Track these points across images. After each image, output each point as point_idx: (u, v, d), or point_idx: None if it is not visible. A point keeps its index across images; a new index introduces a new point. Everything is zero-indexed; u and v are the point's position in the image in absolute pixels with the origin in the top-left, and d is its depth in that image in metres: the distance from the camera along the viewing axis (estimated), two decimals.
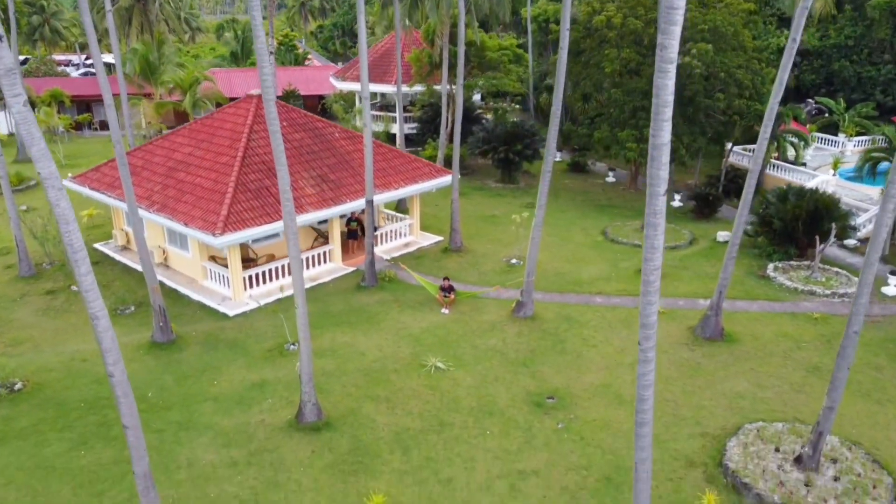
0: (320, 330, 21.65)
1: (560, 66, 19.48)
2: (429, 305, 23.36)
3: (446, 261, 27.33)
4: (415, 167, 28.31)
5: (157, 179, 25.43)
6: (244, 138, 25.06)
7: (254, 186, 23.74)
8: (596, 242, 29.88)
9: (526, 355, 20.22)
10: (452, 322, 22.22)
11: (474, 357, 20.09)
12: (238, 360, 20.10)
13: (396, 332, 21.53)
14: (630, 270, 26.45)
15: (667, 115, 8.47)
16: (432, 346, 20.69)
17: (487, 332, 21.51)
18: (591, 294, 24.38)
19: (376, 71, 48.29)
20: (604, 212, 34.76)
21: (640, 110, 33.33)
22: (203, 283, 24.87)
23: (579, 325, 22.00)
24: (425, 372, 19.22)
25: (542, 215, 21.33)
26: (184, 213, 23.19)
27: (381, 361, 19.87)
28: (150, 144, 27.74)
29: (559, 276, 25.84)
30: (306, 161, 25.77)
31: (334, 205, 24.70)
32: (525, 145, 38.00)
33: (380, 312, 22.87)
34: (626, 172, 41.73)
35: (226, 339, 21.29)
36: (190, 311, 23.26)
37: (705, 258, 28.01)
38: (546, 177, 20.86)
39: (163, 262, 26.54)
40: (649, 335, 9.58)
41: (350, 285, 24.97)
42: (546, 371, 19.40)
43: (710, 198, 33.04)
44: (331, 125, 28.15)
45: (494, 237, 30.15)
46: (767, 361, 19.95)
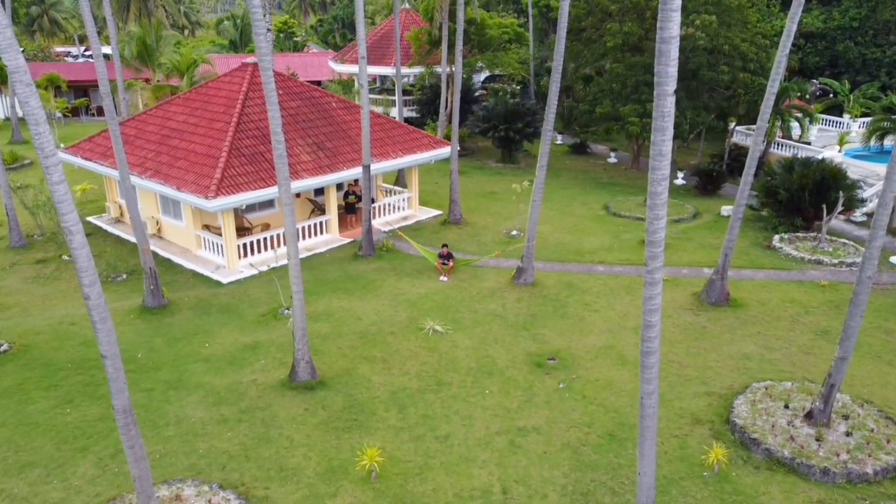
0: (315, 296, 21.14)
1: (561, 18, 18.93)
2: (427, 273, 22.83)
3: (445, 233, 26.80)
4: (413, 138, 27.78)
5: (151, 147, 24.91)
6: (239, 104, 24.53)
7: (248, 152, 23.22)
8: (598, 216, 29.34)
9: (526, 319, 19.69)
10: (451, 289, 21.69)
11: (473, 321, 19.56)
12: (231, 324, 19.58)
13: (394, 298, 21.00)
14: (633, 241, 25.91)
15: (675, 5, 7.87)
16: (430, 310, 20.16)
17: (487, 298, 20.98)
18: (592, 263, 23.84)
19: (375, 53, 47.74)
20: (605, 189, 34.22)
21: (643, 85, 32.76)
22: (197, 253, 24.35)
23: (581, 292, 21.47)
24: (423, 335, 18.70)
25: (542, 176, 20.80)
26: (177, 178, 22.68)
27: (377, 325, 19.34)
28: (143, 114, 27.23)
29: (560, 247, 25.30)
30: (302, 129, 25.24)
31: (330, 172, 24.17)
32: (526, 124, 37.46)
33: (377, 280, 22.34)
34: (627, 154, 41.18)
35: (219, 305, 20.77)
36: (183, 279, 22.75)
37: (709, 230, 27.47)
38: (546, 136, 20.30)
39: (156, 233, 26.03)
40: (656, 254, 8.95)
41: (347, 255, 24.45)
42: (547, 334, 18.87)
43: (714, 174, 32.48)
44: (328, 95, 27.63)
45: (494, 211, 29.62)
46: (775, 325, 19.41)
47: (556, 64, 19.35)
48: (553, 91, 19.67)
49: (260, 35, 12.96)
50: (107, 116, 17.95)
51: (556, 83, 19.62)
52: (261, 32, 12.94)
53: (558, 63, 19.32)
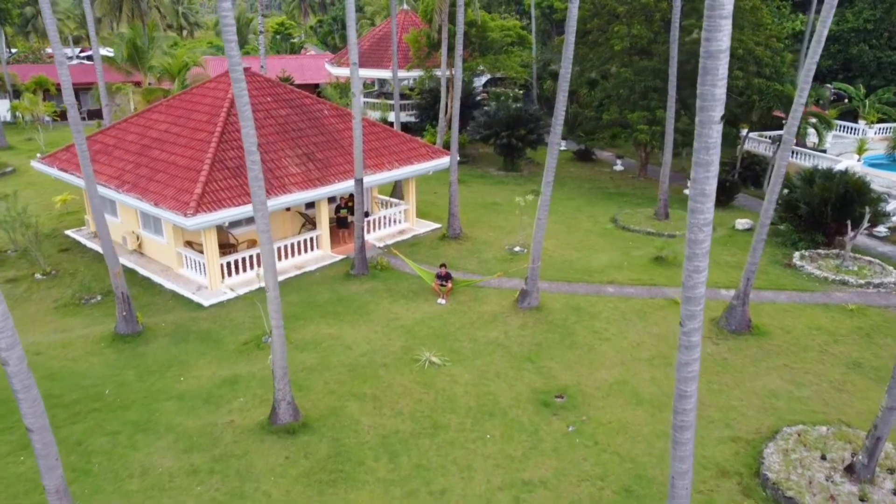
0: (303, 321, 19.57)
1: (569, 21, 17.34)
2: (423, 295, 21.25)
3: (444, 248, 25.21)
4: (410, 147, 26.20)
5: (130, 158, 23.35)
6: (224, 113, 22.96)
7: (233, 164, 21.64)
8: (605, 230, 27.74)
9: (531, 349, 18.10)
10: (449, 313, 20.11)
11: (473, 351, 17.98)
12: (209, 354, 18.00)
13: (387, 324, 19.42)
14: (643, 259, 24.31)
15: None
16: (427, 338, 18.59)
17: (488, 324, 19.40)
18: (601, 283, 22.24)
19: (373, 56, 46.25)
20: (612, 199, 32.61)
21: (652, 91, 31.19)
22: (179, 272, 22.77)
23: (590, 317, 19.88)
24: (418, 367, 17.11)
25: (549, 193, 19.21)
26: (155, 192, 21.11)
27: (368, 355, 17.76)
28: (124, 122, 25.66)
29: (567, 265, 23.71)
30: (291, 138, 23.67)
31: (321, 185, 22.60)
32: (529, 130, 35.87)
33: (369, 302, 20.76)
34: (634, 162, 39.58)
35: (198, 331, 19.19)
36: (161, 301, 21.16)
37: (724, 247, 25.85)
38: (553, 150, 18.73)
39: (137, 248, 24.46)
40: (694, 313, 7.40)
41: (338, 274, 22.86)
42: (554, 367, 17.27)
43: (727, 184, 30.86)
44: (320, 101, 26.06)
45: (496, 224, 28.03)
46: (802, 357, 17.81)
47: (564, 71, 17.78)
48: (560, 100, 18.09)
49: (230, 42, 11.38)
50: (72, 129, 16.37)
51: (563, 91, 18.04)
52: (231, 39, 11.36)
53: (566, 70, 17.75)
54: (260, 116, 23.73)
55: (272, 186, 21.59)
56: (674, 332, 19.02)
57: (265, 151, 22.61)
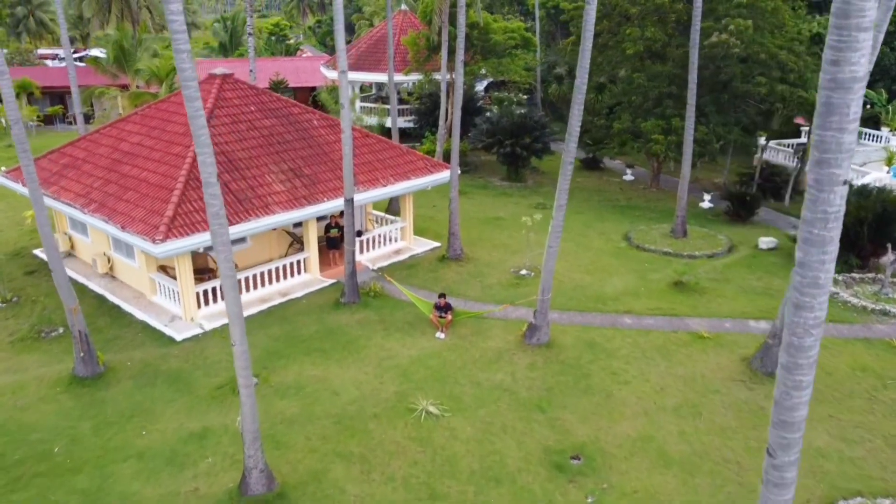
0: (285, 360, 17.51)
1: (587, 24, 15.27)
2: (420, 327, 19.17)
3: (443, 271, 23.14)
4: (407, 161, 24.12)
5: (99, 174, 21.28)
6: None
7: None
8: (618, 249, 25.64)
9: (541, 395, 16.02)
10: (449, 350, 18.04)
11: (476, 398, 15.90)
12: (178, 401, 15.93)
13: (379, 363, 17.35)
14: (662, 283, 22.23)
15: None
16: (423, 381, 16.52)
17: (492, 364, 17.32)
18: (617, 313, 20.17)
19: (370, 59, 44.21)
20: (624, 213, 30.52)
21: (667, 97, 29.12)
22: (152, 299, 20.71)
23: (606, 355, 17.80)
24: (414, 419, 15.04)
25: (561, 219, 17.16)
26: (123, 213, 19.05)
27: (358, 403, 15.69)
28: (96, 133, 23.61)
29: (578, 291, 21.61)
30: (276, 152, 21.59)
31: (308, 204, 20.52)
32: (534, 138, 33.80)
33: (361, 337, 18.68)
34: (645, 171, 37.50)
35: (167, 372, 17.12)
36: (130, 334, 19.08)
37: (748, 269, 23.76)
38: (567, 170, 16.70)
39: (108, 272, 22.40)
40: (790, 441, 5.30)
41: (327, 302, 20.78)
42: (568, 418, 15.19)
43: (748, 198, 28.78)
44: (309, 111, 23.97)
45: (500, 242, 25.96)
46: (848, 405, 15.73)
47: (580, 81, 15.70)
48: (575, 114, 16.05)
49: (182, 53, 9.32)
50: (17, 148, 14.27)
51: (578, 104, 15.98)
52: (183, 49, 9.30)
53: (582, 81, 15.67)
54: (242, 128, 21.68)
55: (253, 207, 19.53)
56: (701, 374, 16.95)
57: (246, 167, 20.55)
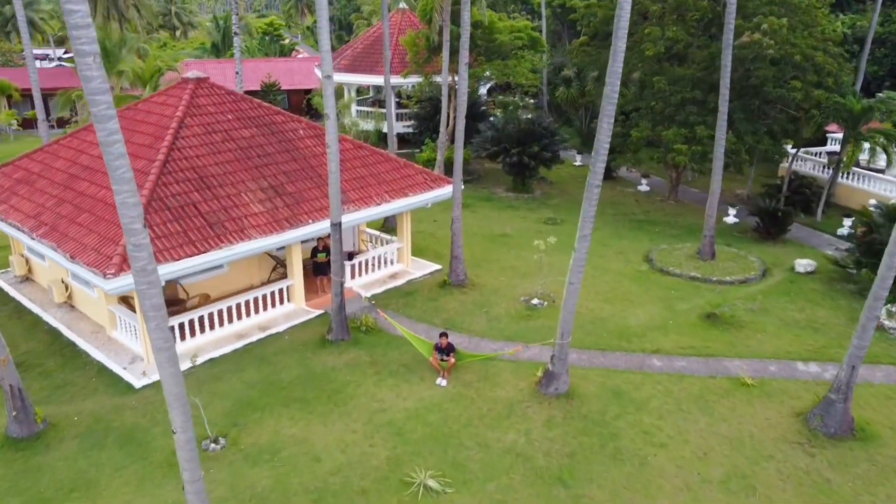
0: (260, 413, 14.95)
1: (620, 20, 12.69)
2: (419, 371, 16.61)
3: (445, 300, 20.56)
4: (404, 175, 21.55)
5: (54, 191, 18.75)
6: (170, 136, 18.36)
7: (176, 203, 17.02)
8: (639, 273, 23.05)
9: (562, 462, 13.45)
10: (452, 401, 15.46)
11: (484, 466, 13.32)
12: (129, 468, 13.36)
13: (370, 419, 14.77)
14: (692, 315, 19.66)
15: None
16: (421, 443, 13.95)
17: (503, 420, 14.74)
18: (644, 353, 17.59)
19: (367, 61, 41.72)
20: (642, 229, 27.95)
21: (690, 103, 26.55)
22: (111, 335, 18.17)
23: (635, 407, 15.22)
24: (409, 496, 12.47)
25: (584, 251, 14.60)
26: (74, 239, 16.49)
27: (343, 473, 13.11)
28: (55, 144, 21.07)
29: (598, 325, 19.04)
30: (255, 167, 19.03)
31: (290, 227, 17.94)
32: (543, 146, 31.21)
33: (349, 384, 16.11)
34: (661, 180, 34.94)
35: (120, 429, 14.55)
36: (83, 379, 16.52)
37: (788, 297, 21.17)
38: (593, 195, 14.11)
39: (66, 301, 19.87)
40: None
41: (312, 338, 18.21)
42: (596, 495, 12.62)
43: (778, 214, 26.19)
44: (294, 119, 21.41)
45: (507, 264, 23.38)
46: None
47: (611, 90, 13.08)
48: (604, 129, 13.45)
49: (86, 56, 6.80)
50: None
51: (608, 118, 13.37)
52: (86, 51, 6.78)
53: (613, 91, 13.04)
54: (216, 139, 19.12)
55: (226, 231, 16.97)
56: (749, 433, 14.37)
57: (220, 185, 17.99)
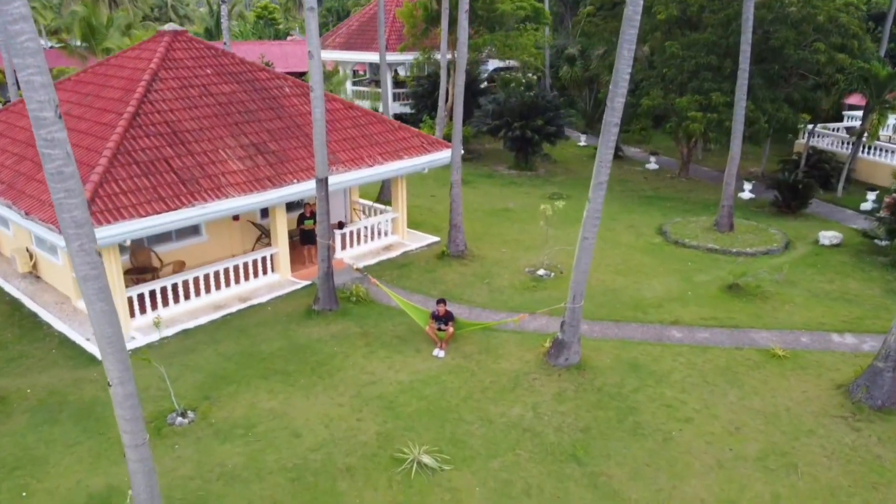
0: (236, 387, 13.34)
1: None
2: (414, 342, 15.01)
3: (443, 271, 18.95)
4: (399, 138, 19.95)
5: (15, 150, 17.15)
6: (141, 88, 16.76)
7: (145, 157, 15.41)
8: (653, 245, 21.45)
9: (575, 438, 11.83)
10: (451, 373, 13.84)
11: (487, 442, 11.71)
12: (82, 445, 11.75)
13: (358, 392, 13.16)
14: (712, 287, 18.06)
15: None
16: (416, 418, 12.34)
17: (508, 393, 13.12)
18: (663, 324, 15.98)
19: (363, 38, 40.17)
20: (653, 205, 26.34)
21: (705, 69, 24.94)
22: (77, 305, 16.57)
23: (655, 380, 13.61)
24: (401, 474, 10.85)
25: (600, 201, 13.07)
26: (32, 196, 14.89)
27: (325, 449, 11.50)
28: (20, 103, 19.47)
29: (611, 296, 17.44)
30: (235, 123, 17.43)
31: (273, 186, 16.33)
32: (546, 120, 29.59)
33: (336, 355, 14.49)
34: (670, 160, 33.34)
35: (76, 403, 12.94)
36: (41, 351, 14.90)
37: (815, 269, 19.58)
38: (611, 134, 12.46)
39: (31, 271, 18.27)
40: None
41: (297, 309, 16.60)
42: (615, 473, 11.00)
43: (800, 186, 24.58)
44: (279, 77, 19.83)
45: (510, 237, 21.78)
46: None
47: (622, 67, 11.44)
48: (615, 104, 11.80)
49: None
50: None
51: (621, 89, 11.73)
52: None
53: (625, 67, 11.42)
54: (193, 94, 17.53)
55: (201, 189, 15.35)
56: (786, 407, 12.76)
57: (195, 140, 16.39)
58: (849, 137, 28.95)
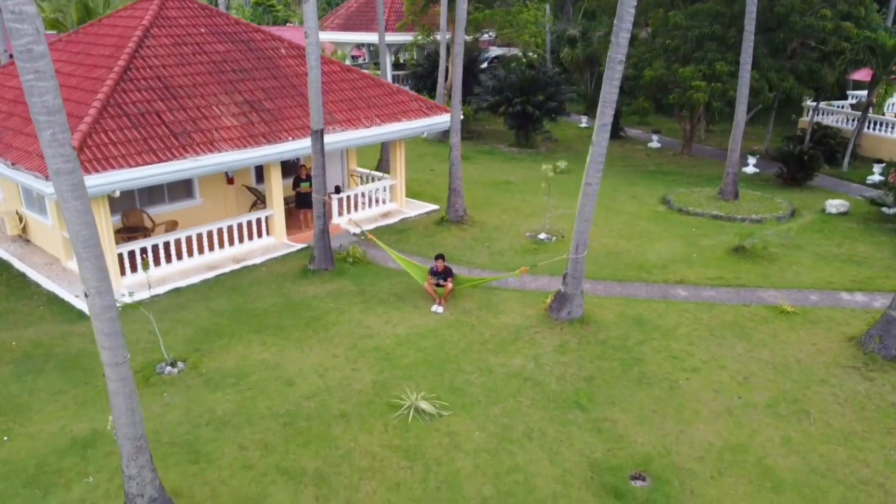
0: (226, 340, 12.92)
1: None
2: (412, 300, 14.59)
3: (442, 235, 18.55)
4: (398, 101, 19.53)
5: (3, 108, 16.72)
6: (132, 43, 16.35)
7: (136, 110, 14.99)
8: (656, 213, 21.04)
9: (579, 386, 11.42)
10: (450, 327, 13.43)
11: (487, 391, 11.30)
12: (68, 394, 11.34)
13: (354, 345, 12.74)
14: (718, 250, 17.64)
15: None
16: (413, 368, 11.93)
17: (509, 345, 12.71)
18: (667, 283, 15.56)
19: (362, 18, 39.85)
20: (656, 178, 25.91)
21: (709, 39, 24.51)
22: (66, 265, 16.15)
23: (661, 334, 13.20)
24: (398, 419, 10.44)
25: (604, 144, 12.54)
26: (19, 148, 14.48)
27: (319, 397, 11.08)
28: (10, 65, 19.05)
29: (614, 258, 17.03)
30: (230, 81, 17.02)
31: (267, 143, 15.93)
32: (548, 96, 29.16)
33: (331, 311, 14.08)
34: (672, 140, 32.89)
35: (63, 354, 12.54)
36: (28, 308, 14.50)
37: (822, 234, 19.17)
38: (615, 72, 11.95)
39: (20, 233, 17.87)
40: None
41: (292, 270, 16.18)
42: (620, 418, 10.59)
43: (805, 157, 24.14)
44: (275, 37, 19.44)
45: (511, 206, 21.36)
46: None
47: (619, 40, 10.99)
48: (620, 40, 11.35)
49: None
50: None
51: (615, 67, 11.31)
52: None
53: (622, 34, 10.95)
54: (187, 51, 17.12)
55: (193, 143, 14.94)
56: (796, 358, 12.34)
57: (188, 96, 15.97)
58: (853, 114, 28.50)
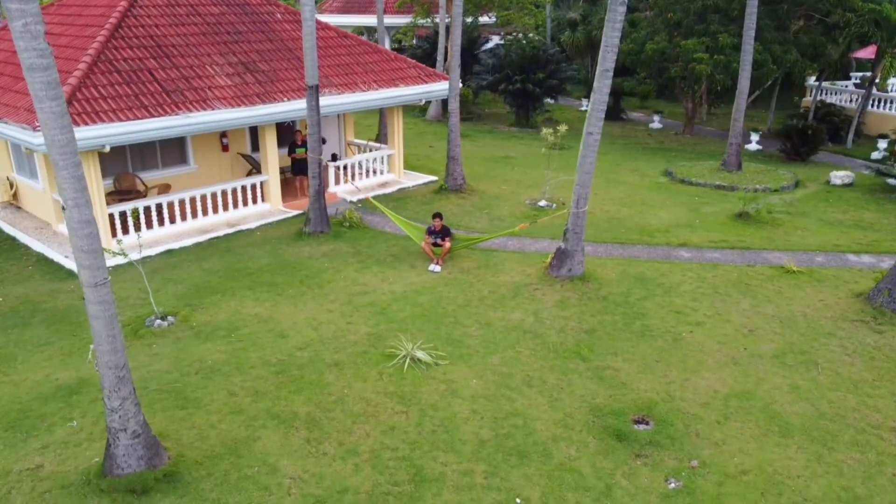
0: (218, 296, 12.61)
1: None
2: (409, 260, 14.28)
3: (441, 203, 18.19)
4: (395, 67, 19.20)
5: None
6: (124, 2, 16.03)
7: (127, 66, 14.67)
8: (659, 184, 20.72)
9: (580, 338, 11.10)
10: (447, 284, 13.12)
11: (486, 342, 10.98)
12: (54, 345, 11.03)
13: (349, 300, 12.43)
14: (721, 216, 17.32)
15: None
16: (410, 321, 11.61)
17: (508, 301, 12.40)
18: (670, 246, 15.24)
19: (361, 1, 39.44)
20: (657, 154, 25.58)
21: (712, 11, 24.18)
22: (57, 229, 15.83)
23: (664, 291, 12.88)
24: (393, 368, 10.12)
25: (606, 90, 12.27)
26: (7, 104, 14.17)
27: (313, 348, 10.77)
28: (3, 29, 18.74)
29: (616, 223, 16.71)
30: (224, 42, 16.69)
31: (261, 103, 15.60)
32: (548, 73, 28.82)
33: (326, 269, 13.77)
34: (673, 122, 32.54)
35: (50, 309, 12.23)
36: (16, 268, 14.20)
37: (826, 203, 18.86)
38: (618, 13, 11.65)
39: (11, 199, 17.57)
40: None
41: (287, 233, 15.86)
42: (622, 367, 10.28)
43: (809, 132, 23.80)
44: (270, 3, 19.08)
45: (511, 178, 21.04)
46: None
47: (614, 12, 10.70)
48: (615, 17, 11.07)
49: None
50: None
51: (617, 9, 11.02)
52: None
53: None
54: (180, 12, 16.80)
55: (186, 100, 14.62)
56: (803, 313, 12.02)
57: (181, 55, 15.65)
58: (857, 92, 28.15)
